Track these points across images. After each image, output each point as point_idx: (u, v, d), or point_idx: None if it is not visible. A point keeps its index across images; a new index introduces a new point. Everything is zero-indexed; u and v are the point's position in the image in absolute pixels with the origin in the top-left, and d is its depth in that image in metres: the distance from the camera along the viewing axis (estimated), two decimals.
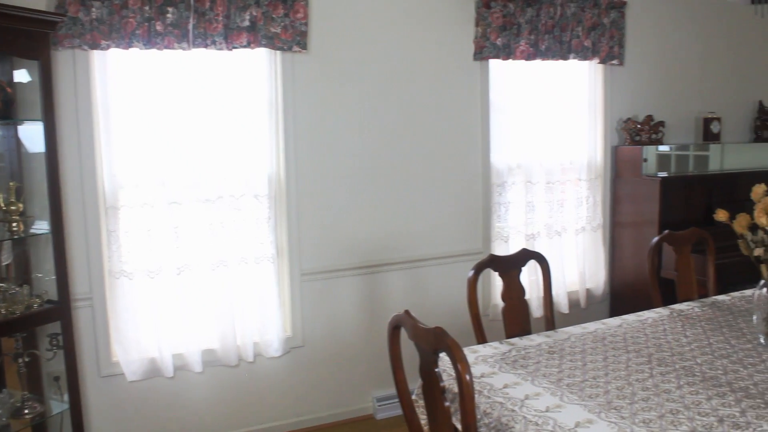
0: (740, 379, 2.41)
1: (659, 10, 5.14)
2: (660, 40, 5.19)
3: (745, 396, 2.25)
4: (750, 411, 2.13)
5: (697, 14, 5.34)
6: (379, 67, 4.10)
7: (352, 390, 4.22)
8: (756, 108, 5.85)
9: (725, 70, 5.62)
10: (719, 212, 2.78)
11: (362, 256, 4.16)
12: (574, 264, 4.88)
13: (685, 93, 5.39)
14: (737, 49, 5.67)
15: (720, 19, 5.47)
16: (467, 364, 1.89)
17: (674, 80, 5.32)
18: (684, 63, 5.36)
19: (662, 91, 5.25)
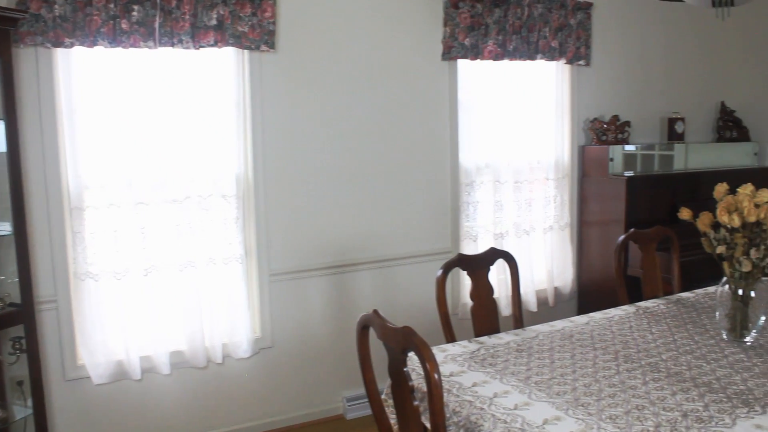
0: (703, 374, 2.45)
1: (625, 12, 5.21)
2: (625, 41, 5.26)
3: (708, 391, 2.29)
4: (713, 405, 2.17)
5: (661, 16, 5.42)
6: (348, 66, 4.10)
7: (322, 390, 4.21)
8: (718, 108, 5.95)
9: (689, 71, 5.71)
10: (683, 211, 2.82)
11: (331, 255, 4.15)
12: (542, 263, 4.92)
13: (650, 93, 5.47)
14: (700, 50, 5.77)
15: (683, 21, 5.56)
16: (435, 363, 1.89)
17: (639, 81, 5.39)
18: (649, 64, 5.44)
19: (628, 91, 5.32)
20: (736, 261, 2.67)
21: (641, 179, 4.94)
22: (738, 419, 2.08)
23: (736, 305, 2.77)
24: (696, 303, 3.44)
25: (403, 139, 4.32)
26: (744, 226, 2.64)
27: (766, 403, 2.19)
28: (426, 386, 1.93)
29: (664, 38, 5.50)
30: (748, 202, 2.61)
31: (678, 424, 2.04)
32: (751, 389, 2.31)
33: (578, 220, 5.13)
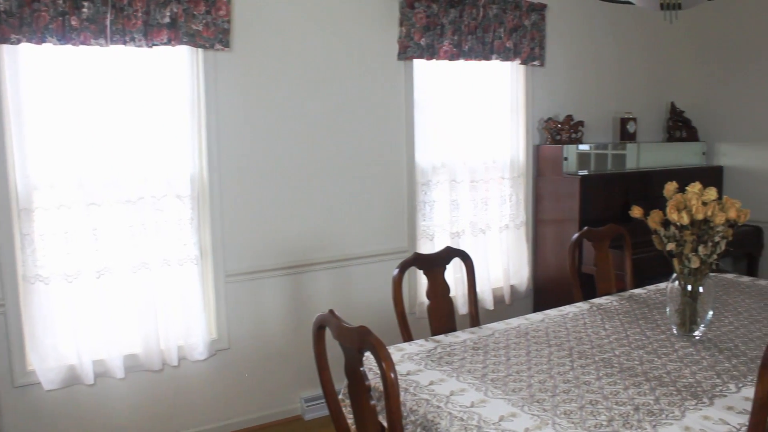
0: (655, 368, 2.50)
1: (577, 14, 5.29)
2: (579, 42, 5.34)
3: (659, 384, 2.34)
4: (663, 398, 2.22)
5: (613, 18, 5.51)
6: (304, 66, 4.08)
7: (280, 391, 4.19)
8: (668, 109, 6.09)
9: (640, 72, 5.83)
10: (634, 209, 2.87)
11: (288, 256, 4.13)
12: (498, 261, 4.97)
13: (603, 94, 5.57)
14: (651, 52, 5.89)
15: (634, 24, 5.66)
16: (391, 362, 1.89)
17: (592, 81, 5.48)
18: (601, 65, 5.53)
19: (581, 91, 5.41)
20: (686, 257, 2.73)
21: (595, 178, 5.02)
22: (687, 411, 2.12)
23: (685, 301, 2.83)
24: (648, 299, 3.51)
25: (360, 139, 4.32)
26: (692, 223, 2.69)
27: (713, 395, 2.25)
28: (382, 385, 1.93)
29: (615, 40, 5.60)
30: (696, 200, 2.67)
31: (630, 418, 2.07)
32: (700, 382, 2.36)
33: (533, 218, 5.19)
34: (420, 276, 4.38)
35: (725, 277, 4.02)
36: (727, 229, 2.71)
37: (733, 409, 2.15)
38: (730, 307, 3.36)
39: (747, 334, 2.92)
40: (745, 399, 2.18)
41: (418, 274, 4.38)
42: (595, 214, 4.88)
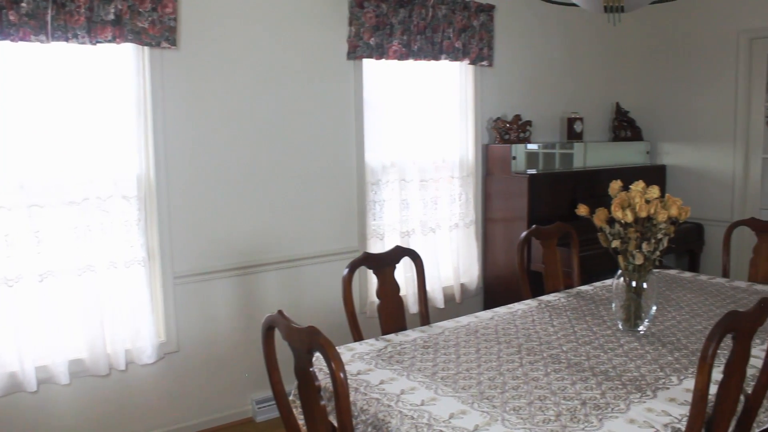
0: (601, 363, 2.55)
1: (525, 15, 5.36)
2: (526, 43, 5.41)
3: (605, 379, 2.38)
4: (609, 392, 2.26)
5: (560, 20, 5.60)
6: (253, 64, 4.04)
7: (231, 393, 4.14)
8: (614, 109, 6.22)
9: (586, 73, 5.94)
10: (580, 207, 2.92)
11: (237, 256, 4.08)
12: (448, 260, 5.00)
13: (550, 94, 5.65)
14: (596, 53, 6.01)
15: (581, 25, 5.77)
16: (341, 362, 1.89)
17: (540, 82, 5.56)
18: (549, 65, 5.61)
19: (529, 91, 5.48)
20: (630, 254, 2.79)
21: (543, 177, 5.09)
22: (632, 404, 2.17)
23: (630, 296, 2.89)
24: (594, 295, 3.58)
25: (309, 138, 4.30)
26: (636, 221, 2.75)
27: (656, 388, 2.30)
28: (332, 385, 1.92)
29: (563, 41, 5.69)
30: (639, 198, 2.73)
31: (577, 412, 2.11)
32: (644, 375, 2.42)
33: (483, 217, 5.24)
34: (370, 275, 4.37)
35: (668, 273, 4.12)
36: (669, 226, 2.78)
37: (675, 400, 2.20)
38: (673, 302, 3.44)
39: (688, 328, 2.99)
40: (686, 390, 2.24)
41: (369, 274, 4.38)
42: (544, 212, 4.94)
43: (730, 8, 5.65)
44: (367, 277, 4.54)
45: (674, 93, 6.08)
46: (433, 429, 2.03)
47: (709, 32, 5.79)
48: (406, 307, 4.38)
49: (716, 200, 5.86)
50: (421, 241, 4.77)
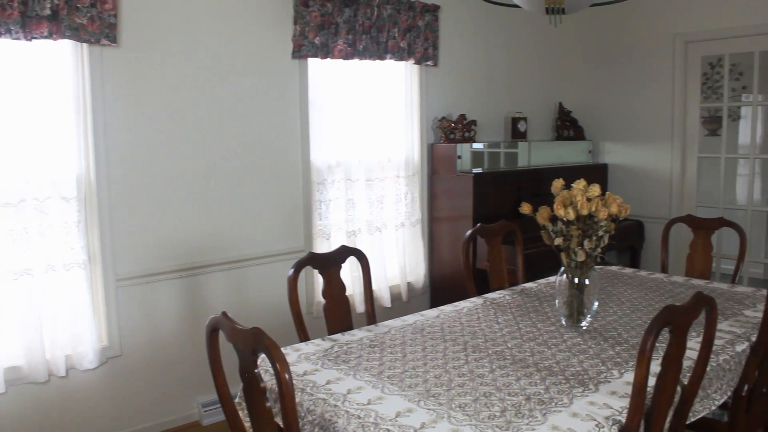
0: (545, 359, 2.59)
1: (470, 16, 5.41)
2: (471, 43, 5.46)
3: (549, 374, 2.42)
4: (553, 387, 2.30)
5: (504, 21, 5.67)
6: (196, 63, 3.98)
7: (177, 397, 4.07)
8: (557, 109, 6.32)
9: (530, 73, 6.03)
10: (523, 205, 2.96)
11: (182, 258, 4.02)
12: (395, 259, 5.02)
13: (495, 94, 5.72)
14: (540, 54, 6.10)
15: (525, 27, 5.85)
16: (286, 363, 1.87)
17: (484, 82, 5.62)
18: (493, 66, 5.68)
19: (474, 91, 5.53)
20: (572, 251, 2.84)
21: (488, 176, 5.15)
22: (575, 398, 2.21)
23: (573, 293, 2.94)
24: (538, 292, 3.63)
25: (254, 138, 4.26)
26: (578, 218, 2.80)
27: (598, 382, 2.35)
28: (277, 387, 1.91)
29: (507, 42, 5.76)
30: (581, 196, 2.78)
31: (522, 408, 2.14)
32: (586, 370, 2.47)
33: (429, 216, 5.27)
34: (317, 275, 4.36)
35: (610, 269, 4.21)
36: (610, 223, 2.84)
37: (616, 393, 2.25)
38: (615, 297, 3.52)
39: (629, 322, 3.07)
40: (627, 383, 2.29)
41: (315, 274, 4.36)
42: (489, 211, 5.00)
43: (666, 12, 5.81)
44: (313, 277, 4.52)
45: (615, 94, 6.22)
46: (379, 428, 2.03)
47: (647, 35, 5.95)
48: (353, 306, 4.40)
49: (655, 198, 6.01)
50: (368, 241, 4.77)
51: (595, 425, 2.02)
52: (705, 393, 2.54)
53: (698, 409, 2.51)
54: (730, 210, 5.71)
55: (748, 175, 5.86)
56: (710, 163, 6.00)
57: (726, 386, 2.68)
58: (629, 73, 6.10)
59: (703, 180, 5.99)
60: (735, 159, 6.73)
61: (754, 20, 5.33)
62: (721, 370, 2.63)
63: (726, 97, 5.76)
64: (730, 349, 2.75)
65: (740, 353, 2.77)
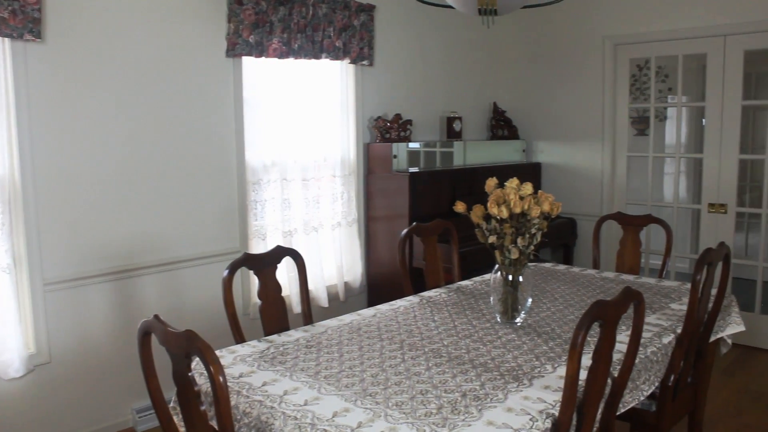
0: (480, 355, 2.62)
1: (406, 16, 5.44)
2: (407, 43, 5.49)
3: (484, 370, 2.45)
4: (488, 383, 2.33)
5: (439, 21, 5.72)
6: (127, 60, 3.88)
7: (110, 403, 3.97)
8: (491, 109, 6.41)
9: (465, 73, 6.10)
10: (458, 204, 2.99)
11: (113, 260, 3.92)
12: (331, 258, 5.01)
13: (430, 93, 5.76)
14: (475, 54, 6.18)
15: (459, 27, 5.91)
16: (220, 366, 1.84)
17: (420, 81, 5.66)
18: (428, 66, 5.72)
19: (409, 91, 5.56)
20: (506, 249, 2.88)
21: (423, 175, 5.18)
22: (509, 393, 2.24)
23: (507, 290, 2.99)
24: (474, 290, 3.67)
25: (187, 138, 4.18)
26: (511, 216, 2.85)
27: (532, 377, 2.39)
28: (212, 390, 1.88)
29: (441, 42, 5.82)
30: (514, 194, 2.82)
31: (458, 404, 2.16)
32: (521, 365, 2.51)
33: (365, 215, 5.28)
34: (253, 276, 4.31)
35: (543, 266, 4.29)
36: (542, 221, 2.89)
37: (550, 387, 2.29)
38: (548, 293, 3.59)
39: (562, 318, 3.13)
40: (560, 377, 2.34)
41: (252, 275, 4.32)
42: (425, 210, 5.03)
43: (596, 16, 5.96)
44: (249, 278, 4.47)
45: (547, 94, 6.35)
46: (316, 428, 2.02)
47: (577, 37, 6.09)
48: (290, 307, 4.37)
49: (587, 196, 6.16)
50: (304, 241, 4.75)
51: (529, 419, 2.05)
52: (634, 384, 2.61)
53: (628, 400, 2.58)
54: (658, 207, 5.90)
55: (674, 173, 6.06)
56: (639, 162, 6.18)
57: (654, 377, 2.77)
58: (561, 74, 6.23)
59: (632, 178, 6.17)
60: (662, 158, 6.95)
61: (677, 25, 5.52)
62: (649, 362, 2.71)
63: (653, 98, 5.94)
64: (658, 341, 2.84)
65: (667, 345, 2.86)
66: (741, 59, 5.30)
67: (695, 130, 7.17)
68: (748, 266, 5.99)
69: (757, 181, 6.66)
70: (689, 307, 2.89)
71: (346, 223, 5.07)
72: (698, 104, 6.09)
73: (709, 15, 5.37)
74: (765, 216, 5.45)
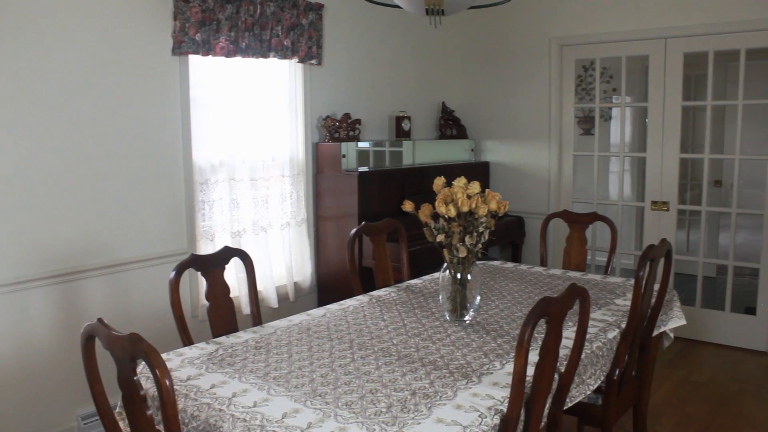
0: (430, 353, 2.63)
1: (355, 15, 5.43)
2: (355, 42, 5.49)
3: (433, 368, 2.47)
4: (438, 381, 2.34)
5: (388, 20, 5.74)
6: (69, 58, 3.78)
7: (53, 410, 3.86)
8: (440, 108, 6.46)
9: (413, 73, 6.12)
10: (406, 203, 3.00)
11: (56, 263, 3.81)
12: (281, 259, 4.97)
13: (379, 93, 5.77)
14: (423, 54, 6.21)
15: (407, 27, 5.94)
16: (166, 369, 1.81)
17: (369, 81, 5.66)
18: (377, 65, 5.73)
19: (358, 90, 5.56)
20: (454, 248, 2.91)
21: (373, 174, 5.19)
22: (459, 391, 2.26)
23: (455, 288, 3.01)
24: (423, 288, 3.69)
25: (133, 137, 4.10)
26: (459, 215, 2.87)
27: (481, 374, 2.41)
28: (158, 394, 1.85)
29: (390, 41, 5.83)
30: (461, 193, 2.85)
31: (408, 402, 2.16)
32: (470, 362, 2.53)
33: (315, 215, 5.26)
34: (202, 278, 4.26)
35: (492, 264, 4.33)
36: (489, 219, 2.92)
37: (498, 384, 2.32)
38: (496, 291, 3.63)
39: (510, 315, 3.17)
40: (508, 374, 2.37)
41: (200, 276, 4.26)
42: (374, 209, 5.04)
43: (542, 17, 6.05)
44: (197, 280, 4.41)
45: (495, 94, 6.42)
46: (265, 430, 2.00)
47: (524, 38, 6.17)
48: (239, 308, 4.32)
49: (535, 194, 6.25)
50: (253, 241, 4.70)
51: (478, 416, 2.07)
52: (580, 379, 2.66)
53: (575, 395, 2.63)
54: (604, 205, 6.02)
55: (619, 172, 6.20)
56: (585, 160, 6.31)
57: (599, 371, 2.83)
58: (509, 74, 6.31)
59: (579, 177, 6.29)
60: (607, 157, 7.10)
61: (621, 27, 5.64)
62: (594, 357, 2.76)
63: (598, 98, 6.06)
64: (603, 336, 2.90)
65: (612, 340, 2.92)
66: (681, 61, 5.44)
67: (639, 130, 7.35)
68: (689, 262, 6.17)
69: (697, 180, 6.87)
70: (633, 303, 2.96)
71: (296, 223, 5.05)
72: (641, 104, 6.23)
73: (650, 18, 5.50)
74: (705, 213, 5.61)
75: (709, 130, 5.52)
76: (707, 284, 5.98)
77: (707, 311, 5.60)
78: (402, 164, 5.74)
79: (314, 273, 5.26)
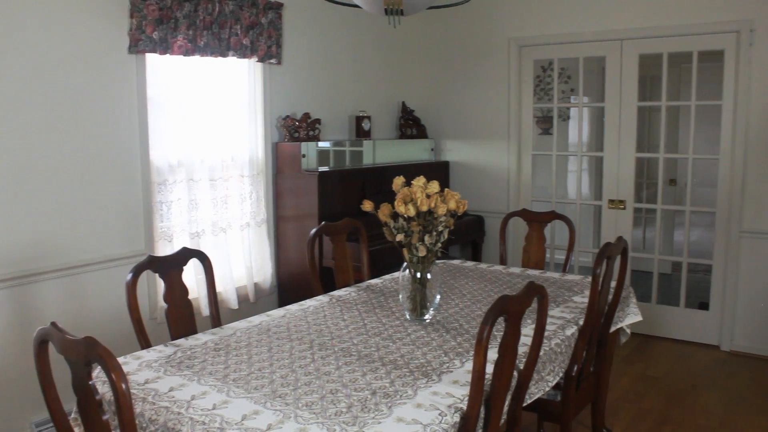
0: (390, 353, 2.64)
1: (314, 14, 5.41)
2: (315, 42, 5.47)
3: (394, 368, 2.47)
4: (398, 380, 2.35)
5: (348, 20, 5.73)
6: (21, 56, 3.69)
7: (6, 418, 3.77)
8: (400, 108, 6.47)
9: (373, 72, 6.13)
10: (365, 203, 3.01)
11: (8, 266, 3.72)
12: (241, 259, 4.93)
13: (339, 93, 5.76)
14: (383, 54, 6.22)
15: (367, 26, 5.94)
16: (122, 373, 1.79)
17: (329, 80, 5.65)
18: (337, 65, 5.72)
19: (318, 90, 5.54)
20: (414, 247, 2.92)
21: (333, 174, 5.17)
22: (419, 389, 2.27)
23: (415, 287, 3.02)
24: (383, 288, 3.70)
25: (88, 136, 4.02)
26: (418, 215, 2.88)
27: (441, 372, 2.43)
28: (114, 398, 1.82)
29: (351, 41, 5.82)
30: (420, 193, 2.86)
31: (368, 402, 2.16)
32: (430, 361, 2.54)
33: (275, 215, 5.23)
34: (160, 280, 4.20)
35: (452, 263, 4.36)
36: (449, 219, 2.94)
37: (458, 382, 2.33)
38: (456, 290, 3.65)
39: (470, 313, 3.19)
40: (468, 372, 2.38)
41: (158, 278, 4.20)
42: (334, 209, 5.03)
43: (501, 18, 6.11)
44: (155, 282, 4.35)
45: (455, 93, 6.46)
46: None
47: (483, 38, 6.22)
48: (198, 310, 4.28)
49: (494, 194, 6.31)
50: (212, 242, 4.66)
51: (438, 414, 2.08)
52: (539, 376, 2.69)
53: (534, 392, 2.66)
54: (562, 204, 6.10)
55: (577, 171, 6.29)
56: (543, 160, 6.38)
57: (558, 368, 2.86)
58: (468, 74, 6.35)
59: (538, 176, 6.36)
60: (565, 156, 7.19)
61: (578, 28, 5.72)
62: (553, 354, 2.80)
63: (556, 98, 6.13)
64: (561, 333, 2.94)
65: (570, 337, 2.96)
66: (636, 63, 5.54)
67: (596, 130, 7.46)
68: (645, 259, 6.28)
69: (652, 178, 7.00)
70: (590, 300, 3.00)
71: (255, 224, 5.01)
72: (598, 105, 6.32)
73: (607, 20, 5.59)
74: (660, 211, 5.72)
75: (663, 130, 5.63)
76: (663, 281, 6.10)
77: (663, 307, 5.72)
78: (362, 164, 5.74)
79: (275, 273, 5.23)
